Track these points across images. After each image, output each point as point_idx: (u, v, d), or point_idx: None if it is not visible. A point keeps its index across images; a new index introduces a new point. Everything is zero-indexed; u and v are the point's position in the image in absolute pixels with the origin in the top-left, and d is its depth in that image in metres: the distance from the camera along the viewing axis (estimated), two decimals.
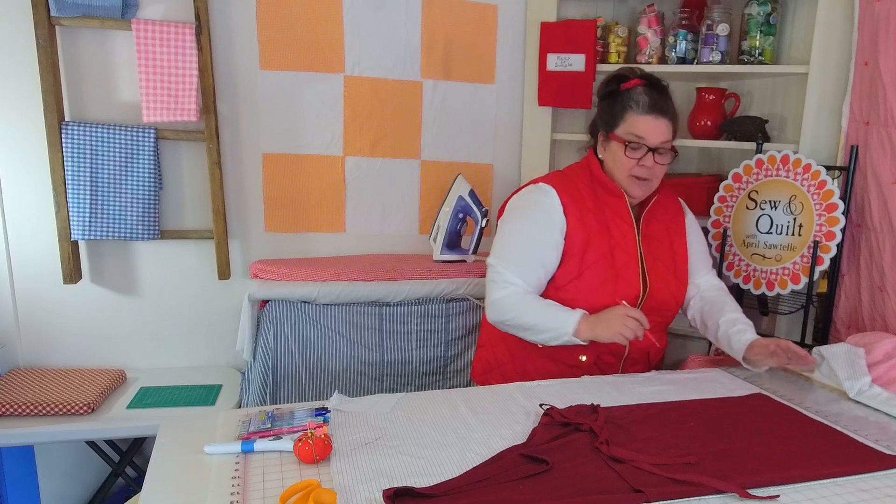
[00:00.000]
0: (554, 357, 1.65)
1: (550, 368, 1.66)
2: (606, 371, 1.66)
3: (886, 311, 1.82)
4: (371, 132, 2.44)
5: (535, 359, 1.68)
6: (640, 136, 1.57)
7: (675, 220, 1.76)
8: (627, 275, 1.62)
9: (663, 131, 1.58)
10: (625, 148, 1.58)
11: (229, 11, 2.22)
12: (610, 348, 1.62)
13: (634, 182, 1.61)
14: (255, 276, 2.27)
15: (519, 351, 1.71)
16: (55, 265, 2.15)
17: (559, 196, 1.62)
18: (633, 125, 1.58)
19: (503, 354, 1.76)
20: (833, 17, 2.02)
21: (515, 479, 1.05)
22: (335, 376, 2.18)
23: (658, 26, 2.37)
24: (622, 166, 1.60)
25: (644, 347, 1.66)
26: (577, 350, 1.62)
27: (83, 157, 2.09)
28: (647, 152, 1.58)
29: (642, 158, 1.58)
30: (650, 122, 1.57)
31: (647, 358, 1.72)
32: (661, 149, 1.59)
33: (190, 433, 1.20)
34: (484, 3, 2.47)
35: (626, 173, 1.60)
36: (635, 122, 1.58)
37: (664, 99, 1.61)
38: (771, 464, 1.12)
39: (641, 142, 1.57)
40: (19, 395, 1.98)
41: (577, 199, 1.63)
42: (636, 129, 1.58)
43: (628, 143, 1.58)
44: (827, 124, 2.09)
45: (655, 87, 1.62)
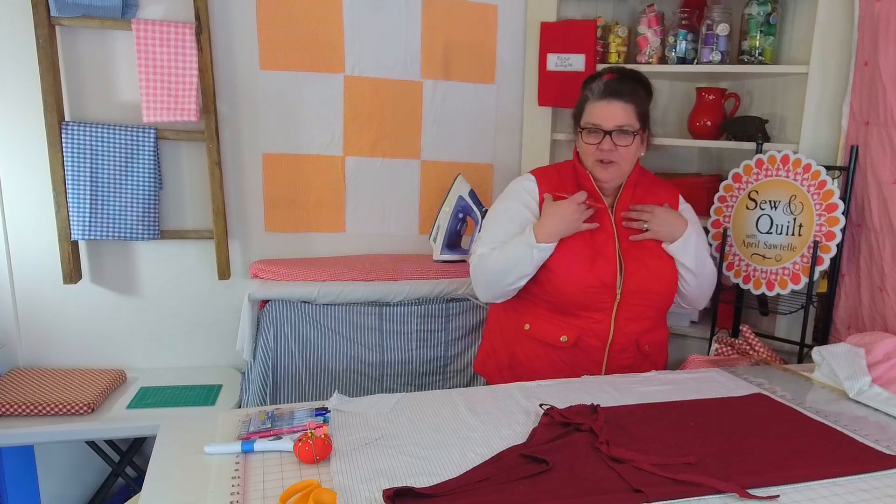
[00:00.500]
0: (537, 338, 1.71)
1: (537, 350, 1.71)
2: (592, 355, 1.69)
3: (886, 311, 1.82)
4: (371, 132, 2.44)
5: (521, 340, 1.74)
6: (595, 123, 1.64)
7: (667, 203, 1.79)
8: (606, 252, 1.67)
9: (618, 114, 1.63)
10: (586, 135, 1.66)
11: (229, 11, 2.22)
12: (593, 330, 1.66)
13: (599, 166, 1.66)
14: (255, 276, 2.27)
15: (510, 336, 1.78)
16: (55, 265, 2.15)
17: (536, 179, 1.73)
18: (589, 113, 1.66)
19: (497, 342, 1.83)
20: (833, 17, 2.02)
21: (515, 479, 1.05)
22: (335, 376, 2.18)
23: (658, 26, 2.37)
24: (586, 153, 1.68)
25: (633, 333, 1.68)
26: (557, 331, 1.68)
27: (83, 157, 2.09)
28: (604, 136, 1.63)
29: (601, 142, 1.63)
30: (603, 106, 1.63)
31: (637, 345, 1.71)
32: (620, 131, 1.63)
33: (190, 433, 1.20)
34: (484, 3, 2.47)
35: (592, 159, 1.67)
36: (591, 109, 1.66)
37: (624, 84, 1.66)
38: (771, 464, 1.12)
39: (597, 126, 1.63)
40: (19, 395, 1.98)
41: (556, 184, 1.72)
42: (591, 115, 1.65)
43: (583, 129, 1.66)
44: (827, 124, 2.09)
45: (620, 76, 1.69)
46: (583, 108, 1.69)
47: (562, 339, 1.68)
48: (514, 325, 1.77)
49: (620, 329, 1.67)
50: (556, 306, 1.69)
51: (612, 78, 1.68)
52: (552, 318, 1.70)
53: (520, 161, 2.59)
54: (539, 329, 1.71)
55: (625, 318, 1.67)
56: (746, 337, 1.93)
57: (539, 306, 1.72)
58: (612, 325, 1.67)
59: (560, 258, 1.65)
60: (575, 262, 1.65)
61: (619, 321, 1.67)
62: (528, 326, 1.73)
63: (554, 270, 1.65)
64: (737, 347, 1.94)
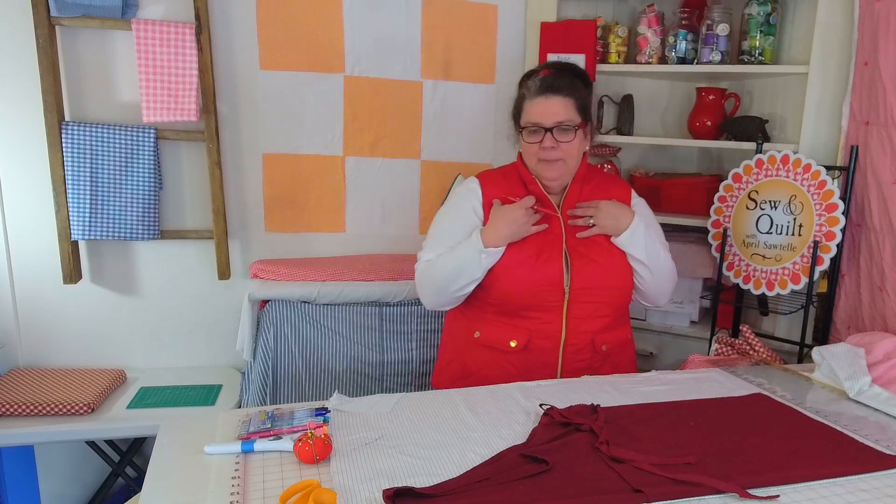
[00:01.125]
0: (487, 345, 1.65)
1: (487, 357, 1.64)
2: (545, 357, 1.61)
3: (886, 311, 1.82)
4: (371, 132, 2.44)
5: (472, 349, 1.68)
6: (534, 121, 1.58)
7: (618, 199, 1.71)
8: (551, 250, 1.61)
9: (558, 110, 1.57)
10: (524, 134, 1.61)
11: (229, 11, 2.22)
12: (543, 331, 1.60)
13: (543, 165, 1.61)
14: (255, 276, 2.27)
15: (461, 346, 1.71)
16: (55, 265, 2.15)
17: (480, 182, 1.69)
18: (528, 112, 1.61)
19: (450, 353, 1.76)
20: (833, 17, 2.02)
21: (515, 479, 1.04)
22: (335, 376, 2.18)
23: (658, 26, 2.37)
24: (528, 154, 1.63)
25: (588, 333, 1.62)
26: (506, 335, 1.62)
27: (83, 157, 2.09)
28: (545, 133, 1.57)
29: (542, 140, 1.58)
30: (541, 103, 1.58)
31: (593, 346, 1.63)
32: (560, 128, 1.57)
33: (190, 433, 1.20)
34: (484, 3, 2.47)
35: (535, 158, 1.61)
36: (529, 108, 1.60)
37: (560, 78, 1.61)
38: (771, 464, 1.12)
39: (537, 125, 1.58)
40: (19, 395, 1.98)
41: (501, 186, 1.67)
42: (530, 114, 1.60)
43: (523, 129, 1.61)
44: (827, 124, 2.09)
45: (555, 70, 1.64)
46: (521, 107, 1.63)
47: (511, 343, 1.61)
48: (464, 334, 1.70)
49: (573, 329, 1.60)
50: (504, 309, 1.62)
51: (548, 73, 1.62)
52: (500, 322, 1.63)
53: None
54: (488, 335, 1.64)
55: (576, 317, 1.60)
56: (746, 337, 1.93)
57: (487, 311, 1.65)
58: (564, 325, 1.60)
59: (503, 259, 1.59)
60: (518, 262, 1.59)
61: (571, 321, 1.60)
62: (479, 334, 1.66)
63: (496, 272, 1.60)
64: (737, 347, 1.94)
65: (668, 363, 2.39)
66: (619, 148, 2.60)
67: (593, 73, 2.38)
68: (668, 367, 1.86)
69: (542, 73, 1.63)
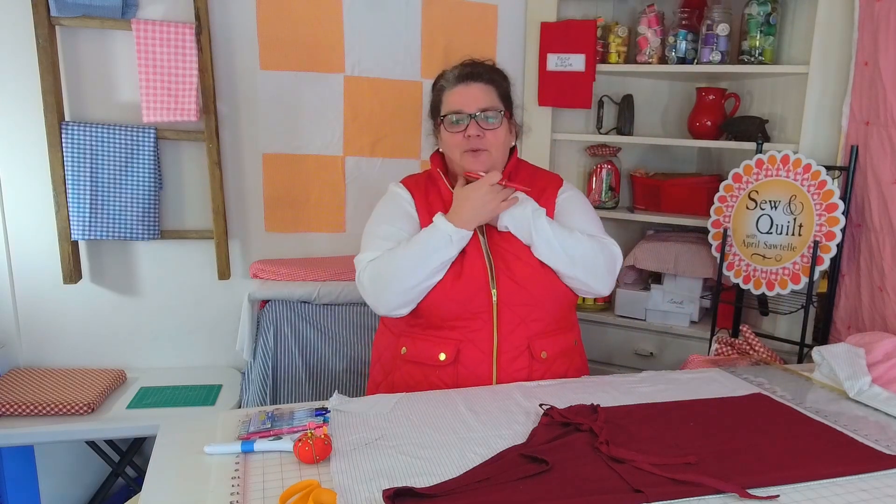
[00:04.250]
0: (415, 361, 1.53)
1: (415, 374, 1.53)
2: (477, 369, 1.49)
3: (886, 311, 1.82)
4: (371, 132, 2.44)
5: (399, 366, 1.56)
6: (456, 109, 1.51)
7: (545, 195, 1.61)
8: (470, 251, 1.50)
9: (479, 96, 1.52)
10: (445, 125, 1.53)
11: (229, 11, 2.22)
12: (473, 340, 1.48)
13: (469, 156, 1.52)
14: (254, 276, 2.27)
15: (388, 364, 1.60)
16: (55, 265, 2.15)
17: (406, 186, 1.63)
18: (448, 103, 1.54)
19: (378, 373, 1.64)
20: (833, 17, 2.02)
21: (515, 479, 1.04)
22: (335, 376, 2.18)
23: (658, 26, 2.37)
24: (452, 146, 1.53)
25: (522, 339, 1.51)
26: (434, 349, 1.50)
27: (83, 157, 2.09)
28: (469, 120, 1.49)
29: (466, 129, 1.50)
30: (461, 90, 1.52)
31: (530, 352, 1.51)
32: (485, 114, 1.51)
33: (190, 433, 1.20)
34: (484, 3, 2.47)
35: (459, 151, 1.52)
36: (448, 98, 1.54)
37: (477, 66, 1.56)
38: (771, 464, 1.12)
39: (459, 112, 1.51)
40: (19, 395, 1.98)
41: (422, 189, 1.61)
42: (451, 103, 1.53)
43: (444, 118, 1.53)
44: (827, 124, 2.09)
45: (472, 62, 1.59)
46: (440, 99, 1.56)
47: (440, 356, 1.49)
48: (391, 351, 1.58)
49: (505, 336, 1.49)
50: (429, 321, 1.50)
51: (466, 64, 1.58)
52: (427, 335, 1.51)
53: None
54: (416, 351, 1.52)
55: (508, 321, 1.49)
56: (746, 337, 1.93)
57: (412, 325, 1.53)
58: (495, 332, 1.48)
59: None
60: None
61: (502, 326, 1.48)
62: (405, 350, 1.54)
63: None
64: (737, 347, 1.94)
65: (668, 363, 2.39)
66: (619, 148, 2.60)
67: (593, 73, 2.38)
68: (668, 367, 1.86)
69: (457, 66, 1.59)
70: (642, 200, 2.60)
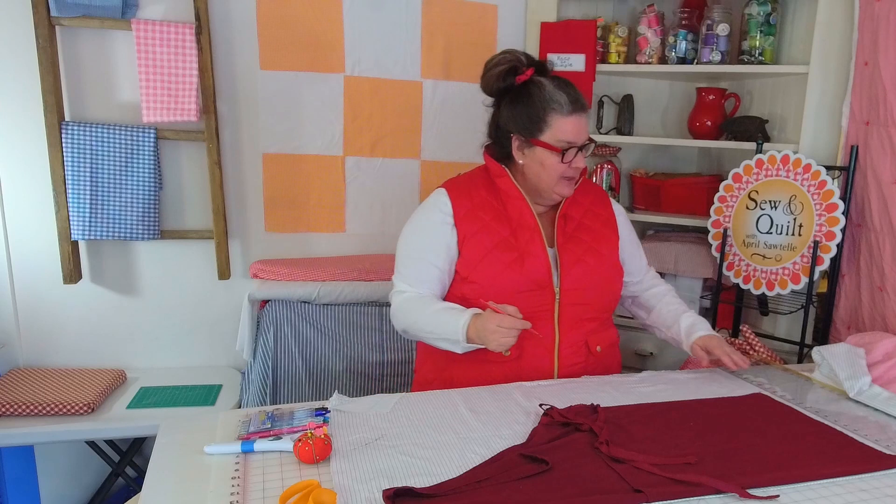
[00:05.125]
0: (478, 357, 1.52)
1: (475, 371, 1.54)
2: (539, 363, 1.54)
3: (886, 311, 1.82)
4: (371, 132, 2.44)
5: (457, 364, 1.56)
6: (571, 141, 1.50)
7: (599, 205, 1.67)
8: (533, 249, 1.53)
9: (585, 127, 1.54)
10: (561, 156, 1.51)
11: (229, 11, 2.22)
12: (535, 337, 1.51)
13: (565, 183, 1.54)
14: (255, 276, 2.27)
15: (444, 363, 1.60)
16: (55, 265, 2.15)
17: (448, 193, 1.59)
18: (560, 130, 1.50)
19: (430, 371, 1.65)
20: (833, 17, 2.02)
21: (515, 479, 1.04)
22: (335, 376, 2.18)
23: (658, 26, 2.37)
24: (553, 171, 1.52)
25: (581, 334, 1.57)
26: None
27: (83, 157, 2.09)
28: (577, 152, 1.52)
29: (574, 160, 1.52)
30: (575, 122, 1.51)
31: (587, 348, 1.58)
32: (586, 146, 1.54)
33: (190, 433, 1.20)
34: (484, 3, 2.47)
35: (558, 177, 1.53)
36: (562, 125, 1.50)
37: (575, 89, 1.54)
38: (771, 464, 1.12)
39: (571, 144, 1.51)
40: (19, 395, 1.98)
41: (470, 193, 1.58)
42: (565, 133, 1.50)
43: (564, 151, 1.50)
44: (827, 124, 2.09)
45: (556, 77, 1.56)
46: (543, 120, 1.50)
47: (504, 353, 1.50)
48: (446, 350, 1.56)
49: (565, 332, 1.54)
50: None
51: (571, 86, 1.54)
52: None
53: None
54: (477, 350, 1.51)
55: (569, 318, 1.54)
56: (746, 337, 1.93)
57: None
58: (556, 328, 1.53)
59: (485, 272, 1.52)
60: (500, 269, 1.52)
61: (563, 323, 1.54)
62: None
63: (478, 282, 1.52)
64: (737, 347, 1.93)
65: (668, 363, 2.39)
66: (619, 148, 2.60)
67: (593, 73, 2.38)
68: (668, 367, 1.86)
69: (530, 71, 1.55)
70: (642, 200, 2.60)
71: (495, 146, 1.62)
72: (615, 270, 1.64)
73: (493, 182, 1.60)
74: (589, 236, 1.61)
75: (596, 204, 1.67)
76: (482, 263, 1.53)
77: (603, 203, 1.69)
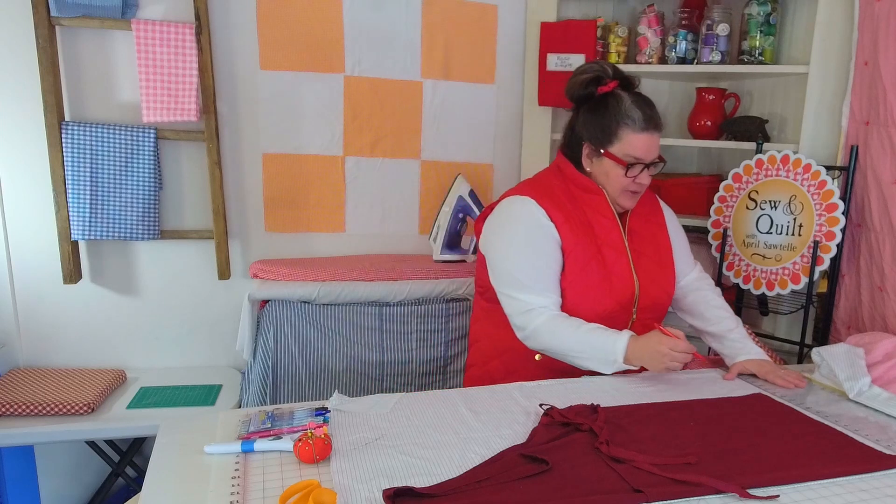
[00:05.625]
0: (551, 368, 1.57)
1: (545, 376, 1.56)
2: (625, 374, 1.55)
3: (886, 311, 1.82)
4: (371, 132, 2.44)
5: (529, 369, 1.60)
6: (638, 157, 1.54)
7: (653, 213, 1.72)
8: (619, 271, 1.58)
9: (655, 146, 1.57)
10: (626, 170, 1.54)
11: (229, 11, 2.22)
12: None
13: (628, 196, 1.59)
14: (255, 276, 2.27)
15: (515, 364, 1.63)
16: (55, 265, 2.15)
17: (539, 203, 1.56)
18: (630, 145, 1.53)
19: (497, 372, 1.66)
20: (833, 17, 2.02)
21: (515, 479, 1.05)
22: (335, 376, 2.18)
23: (658, 26, 2.37)
24: (618, 184, 1.57)
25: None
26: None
27: (83, 157, 2.09)
28: (643, 169, 1.56)
29: (639, 175, 1.56)
30: (647, 139, 1.54)
31: None
32: (654, 165, 1.59)
33: (190, 433, 1.20)
34: (484, 3, 2.47)
35: (621, 189, 1.58)
36: (632, 141, 1.53)
37: (652, 107, 1.57)
38: (771, 464, 1.12)
39: (639, 160, 1.54)
40: (19, 395, 1.98)
41: (557, 203, 1.58)
42: (634, 149, 1.54)
43: (630, 166, 1.54)
44: (827, 124, 2.09)
45: (637, 93, 1.59)
46: (615, 133, 1.54)
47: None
48: (518, 355, 1.61)
49: None
50: None
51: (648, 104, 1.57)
52: None
53: (520, 161, 2.59)
54: (553, 359, 1.55)
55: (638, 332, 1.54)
56: None
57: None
58: None
59: (576, 288, 1.54)
60: (590, 286, 1.54)
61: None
62: (540, 357, 1.59)
63: (572, 300, 1.54)
64: None
65: None
66: None
67: None
68: None
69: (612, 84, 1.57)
70: None
71: (567, 149, 1.65)
72: (673, 279, 1.69)
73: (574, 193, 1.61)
74: (651, 248, 1.65)
75: (653, 213, 1.71)
76: (575, 281, 1.54)
77: (654, 208, 1.73)
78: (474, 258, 2.39)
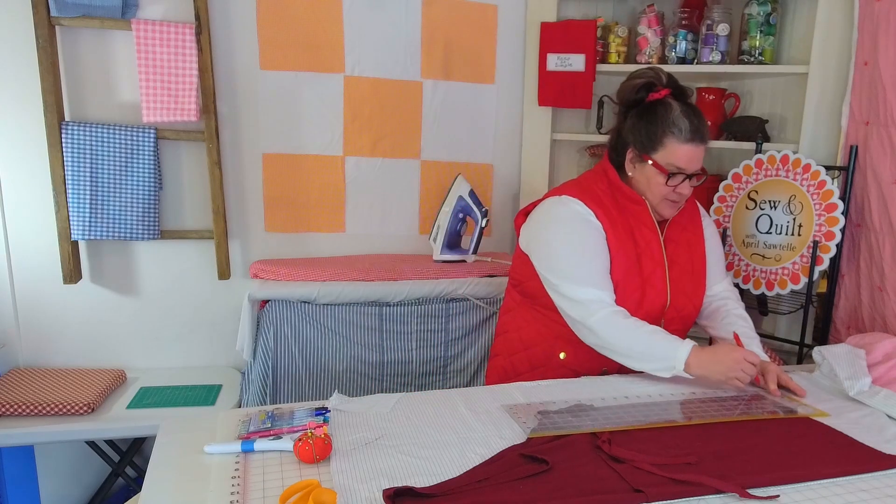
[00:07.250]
0: (574, 369, 1.59)
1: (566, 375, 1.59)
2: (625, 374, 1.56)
3: (886, 311, 1.82)
4: (371, 132, 2.44)
5: (553, 368, 1.61)
6: (681, 168, 1.52)
7: (693, 222, 1.70)
8: (654, 282, 1.57)
9: (699, 158, 1.54)
10: (667, 178, 1.53)
11: (229, 11, 2.22)
12: None
13: (668, 204, 1.58)
14: (255, 276, 2.27)
15: (539, 361, 1.65)
16: (55, 265, 2.15)
17: (587, 205, 1.56)
18: (674, 154, 1.52)
19: (522, 365, 1.68)
20: (833, 17, 2.03)
21: (515, 479, 1.05)
22: (335, 376, 2.18)
23: (658, 26, 2.37)
24: (658, 192, 1.56)
25: None
26: (598, 363, 1.56)
27: (83, 157, 2.09)
28: (685, 179, 1.54)
29: (679, 185, 1.54)
30: (692, 151, 1.52)
31: None
32: (697, 177, 1.57)
33: (190, 433, 1.20)
34: (484, 3, 2.47)
35: (661, 197, 1.56)
36: (677, 150, 1.51)
37: (700, 119, 1.54)
38: (771, 464, 1.12)
39: (682, 171, 1.53)
40: (19, 395, 1.98)
41: (603, 207, 1.57)
42: (678, 159, 1.52)
43: (671, 175, 1.53)
44: (827, 124, 2.09)
45: (688, 103, 1.56)
46: (660, 141, 1.52)
47: (602, 370, 1.57)
48: (543, 351, 1.63)
49: None
50: None
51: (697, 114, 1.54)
52: (593, 350, 1.54)
53: (520, 161, 2.59)
54: (577, 360, 1.58)
55: None
56: None
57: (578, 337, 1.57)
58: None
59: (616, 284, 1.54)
60: (624, 296, 1.53)
61: None
62: (564, 356, 1.60)
63: None
64: None
65: None
66: None
67: (593, 73, 2.38)
68: None
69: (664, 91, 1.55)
70: None
71: (612, 153, 1.64)
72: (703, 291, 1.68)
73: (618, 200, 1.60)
74: (686, 257, 1.64)
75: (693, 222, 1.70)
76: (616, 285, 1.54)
77: (694, 217, 1.70)
78: (474, 258, 2.39)
